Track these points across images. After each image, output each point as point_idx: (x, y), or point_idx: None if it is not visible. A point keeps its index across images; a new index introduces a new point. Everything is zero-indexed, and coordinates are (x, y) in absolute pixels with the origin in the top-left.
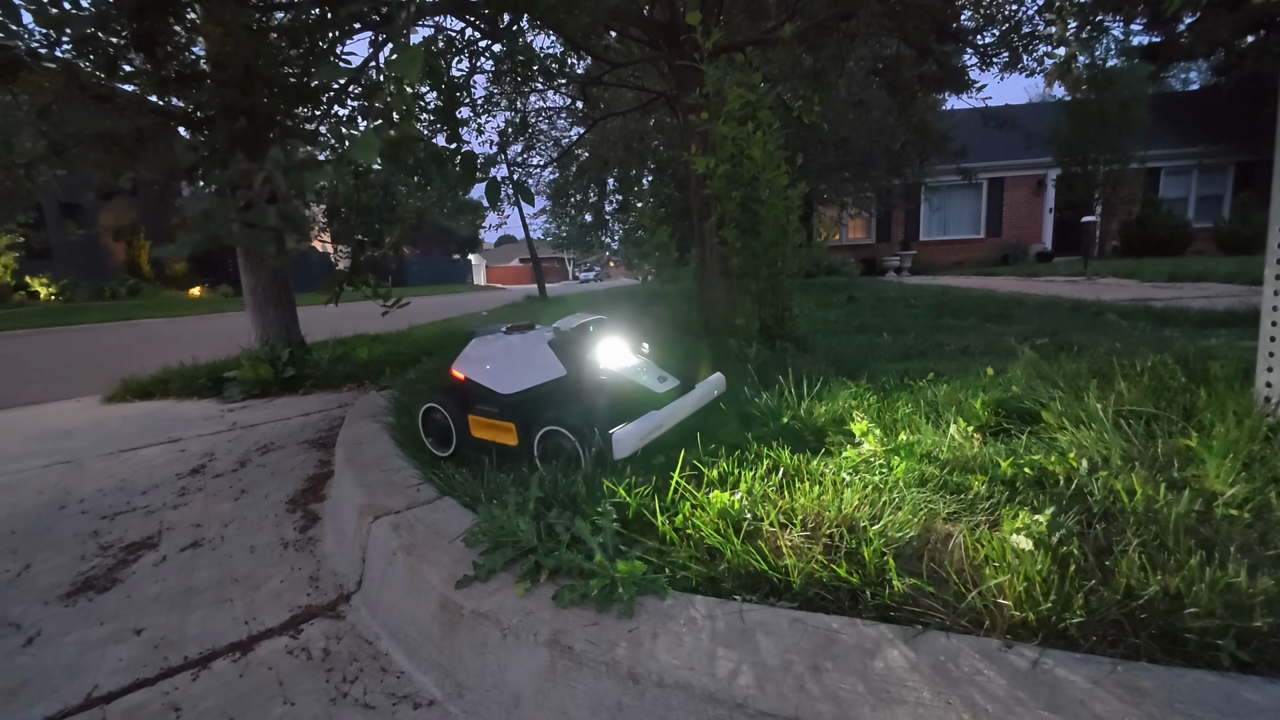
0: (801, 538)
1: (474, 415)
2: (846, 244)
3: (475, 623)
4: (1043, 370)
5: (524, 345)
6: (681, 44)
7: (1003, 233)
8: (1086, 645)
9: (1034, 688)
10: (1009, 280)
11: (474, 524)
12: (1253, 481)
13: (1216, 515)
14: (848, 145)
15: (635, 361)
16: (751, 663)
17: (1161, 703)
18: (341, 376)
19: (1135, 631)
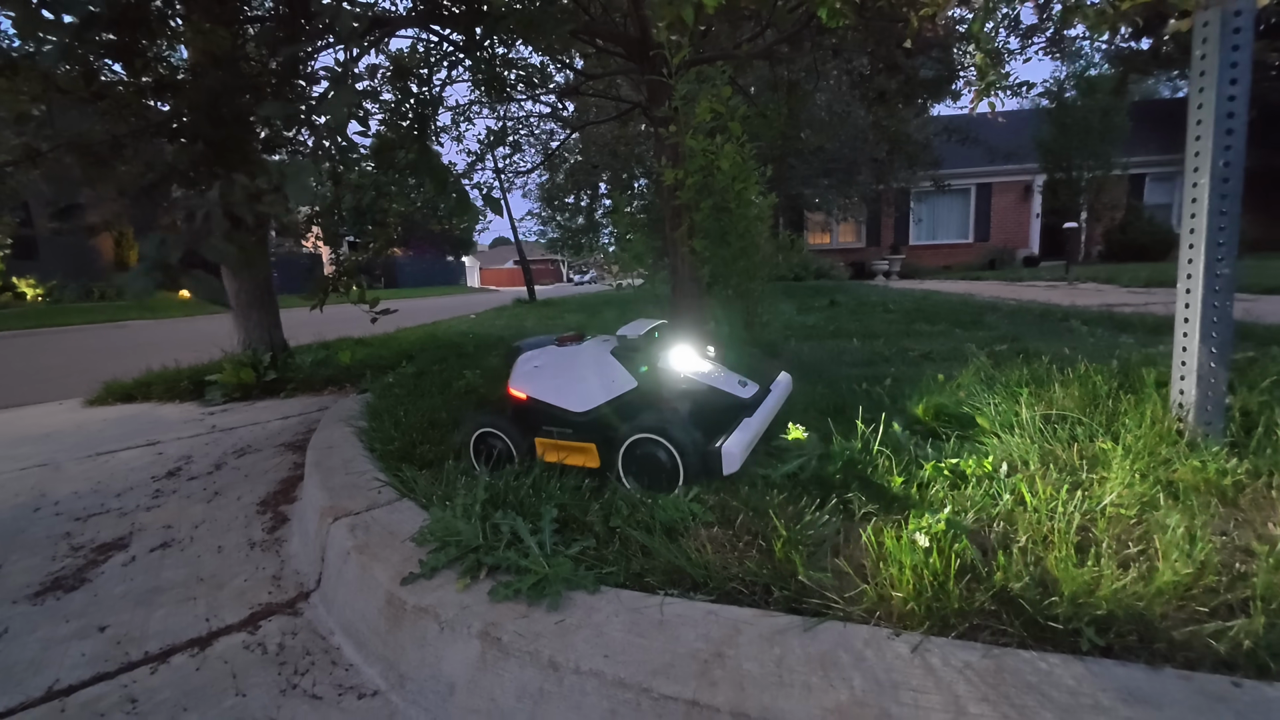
0: (726, 535)
1: (542, 438)
2: (836, 247)
3: (417, 617)
4: (988, 376)
5: (589, 357)
6: (651, 59)
7: (990, 238)
8: (962, 632)
9: (910, 671)
10: (992, 285)
11: (424, 524)
12: (1145, 482)
13: (1106, 514)
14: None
15: (708, 366)
16: (662, 651)
17: (1020, 683)
18: (323, 380)
19: (1010, 620)
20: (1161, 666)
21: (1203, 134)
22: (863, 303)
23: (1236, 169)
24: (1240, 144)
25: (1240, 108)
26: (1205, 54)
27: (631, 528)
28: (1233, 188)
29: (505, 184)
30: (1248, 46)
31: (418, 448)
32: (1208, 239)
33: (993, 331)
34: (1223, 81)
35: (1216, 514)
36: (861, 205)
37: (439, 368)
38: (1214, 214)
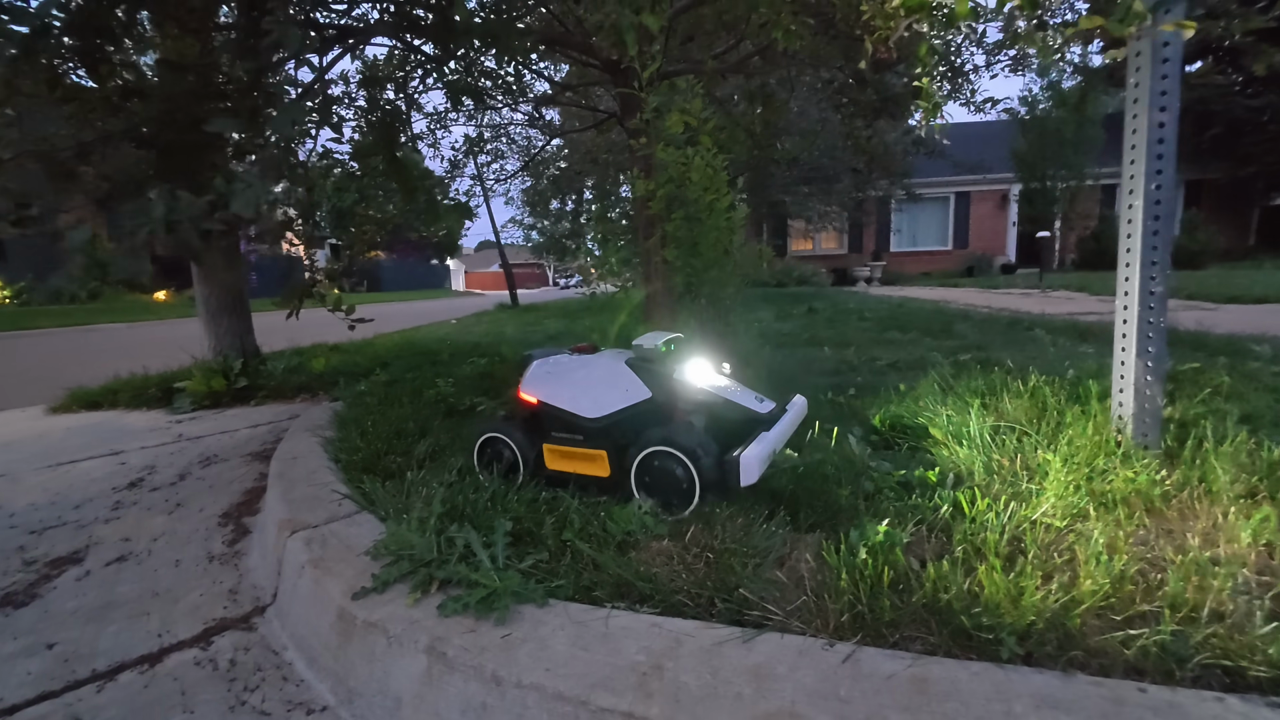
0: (676, 547)
1: (551, 445)
2: (819, 254)
3: (366, 632)
4: (945, 387)
5: (604, 365)
6: (623, 71)
7: (969, 245)
8: (894, 642)
9: (839, 680)
10: (969, 292)
11: (379, 538)
12: (1078, 494)
13: (1038, 525)
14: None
15: (723, 381)
16: (603, 664)
17: (942, 691)
18: (295, 387)
19: (939, 629)
20: (1074, 674)
21: (1136, 158)
22: (840, 310)
23: (1168, 192)
24: (1170, 168)
25: (1170, 134)
26: (1138, 81)
27: (584, 540)
28: (1165, 209)
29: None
30: (1176, 75)
31: (383, 458)
32: (1142, 258)
33: (960, 341)
34: (1153, 108)
35: (1142, 524)
36: (842, 213)
37: (412, 376)
38: (1147, 235)
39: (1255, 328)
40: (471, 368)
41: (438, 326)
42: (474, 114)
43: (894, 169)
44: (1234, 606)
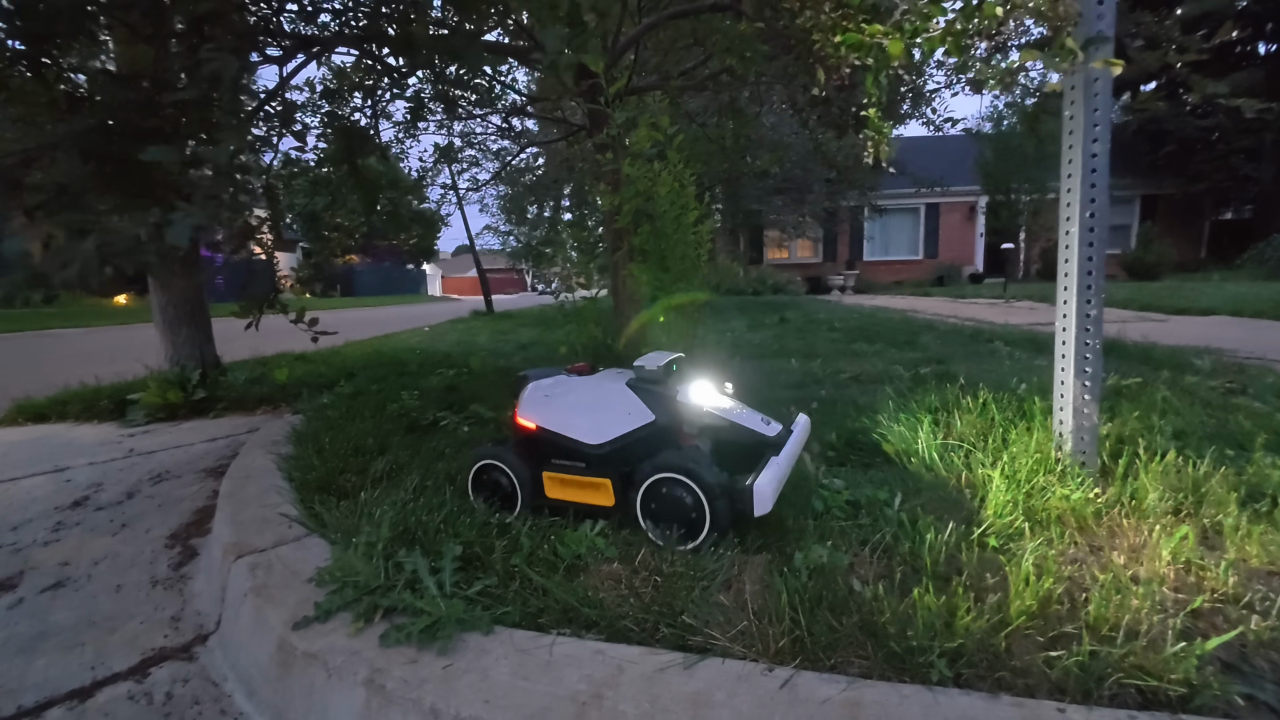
0: (626, 570)
1: (551, 472)
2: (795, 262)
3: (306, 664)
4: (900, 404)
5: (605, 387)
6: (589, 87)
7: (939, 255)
8: (832, 664)
9: (775, 706)
10: (937, 302)
11: (324, 564)
12: (1015, 512)
13: (974, 544)
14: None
15: (728, 402)
16: (543, 694)
17: (873, 715)
18: (257, 399)
19: (873, 651)
20: (999, 695)
21: (1072, 186)
22: (811, 320)
23: (1101, 220)
24: (1104, 198)
25: (1102, 163)
26: (1073, 114)
27: (534, 565)
28: (1098, 236)
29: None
30: (1107, 108)
31: (339, 477)
32: (1078, 283)
33: (924, 353)
34: (1087, 139)
35: (1074, 542)
36: (815, 223)
37: (377, 388)
38: (1082, 260)
39: (1201, 339)
40: (439, 379)
41: (410, 334)
42: (445, 123)
43: (862, 182)
44: (1149, 625)
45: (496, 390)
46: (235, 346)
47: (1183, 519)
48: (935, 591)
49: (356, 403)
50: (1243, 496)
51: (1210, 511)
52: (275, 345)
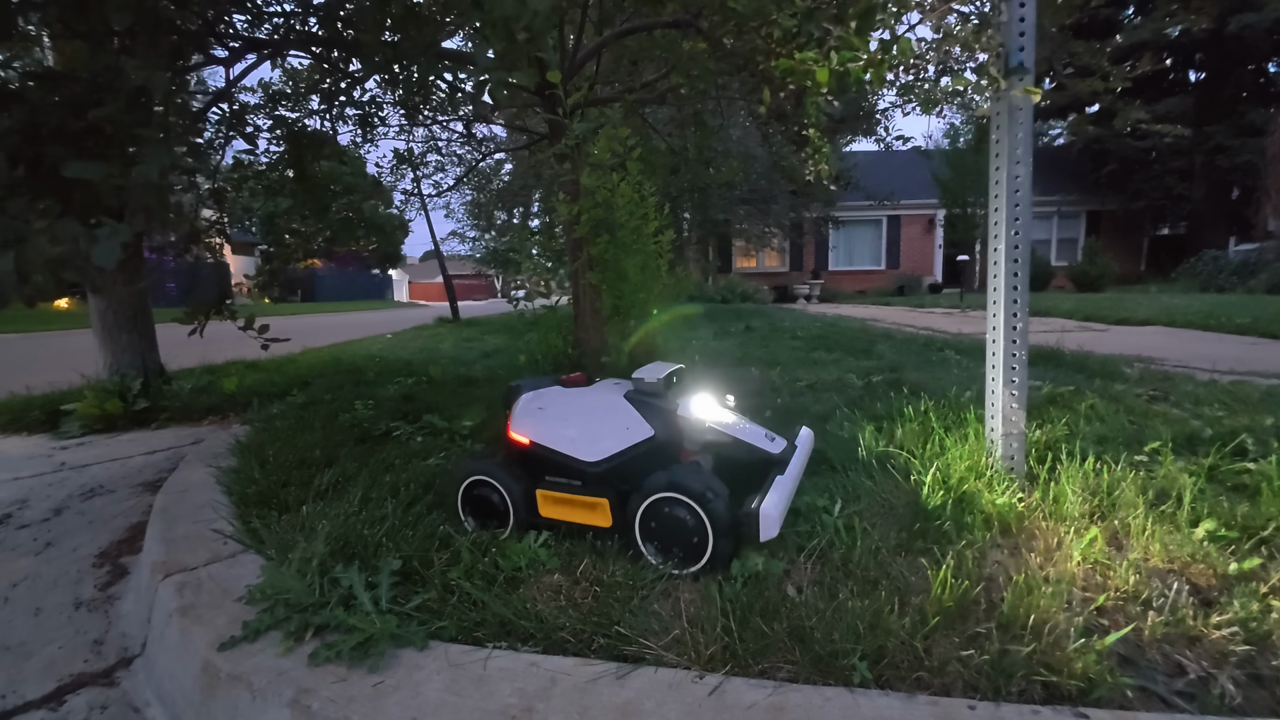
0: (567, 581)
1: (545, 490)
2: (762, 271)
3: (231, 686)
4: (848, 413)
5: (602, 400)
6: (548, 97)
7: (900, 265)
8: (762, 669)
9: (702, 713)
10: (897, 311)
11: (255, 581)
12: (943, 518)
13: (905, 550)
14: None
15: (731, 417)
16: (473, 709)
17: (797, 717)
18: (204, 409)
19: (801, 656)
20: (916, 695)
21: (1000, 206)
22: (775, 328)
23: (1025, 238)
24: (1027, 216)
25: (1025, 185)
26: (998, 138)
27: (474, 577)
28: (1022, 253)
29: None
30: (1029, 134)
31: (283, 490)
32: (1005, 297)
33: (879, 361)
34: (1011, 162)
35: (996, 545)
36: (781, 233)
37: (331, 397)
38: (1009, 276)
39: (1135, 349)
40: (396, 388)
41: (371, 341)
42: (405, 128)
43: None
44: (1056, 623)
45: (455, 399)
46: (183, 354)
47: (1096, 521)
48: (862, 596)
49: (307, 413)
50: (1151, 499)
51: (1121, 513)
52: (227, 353)
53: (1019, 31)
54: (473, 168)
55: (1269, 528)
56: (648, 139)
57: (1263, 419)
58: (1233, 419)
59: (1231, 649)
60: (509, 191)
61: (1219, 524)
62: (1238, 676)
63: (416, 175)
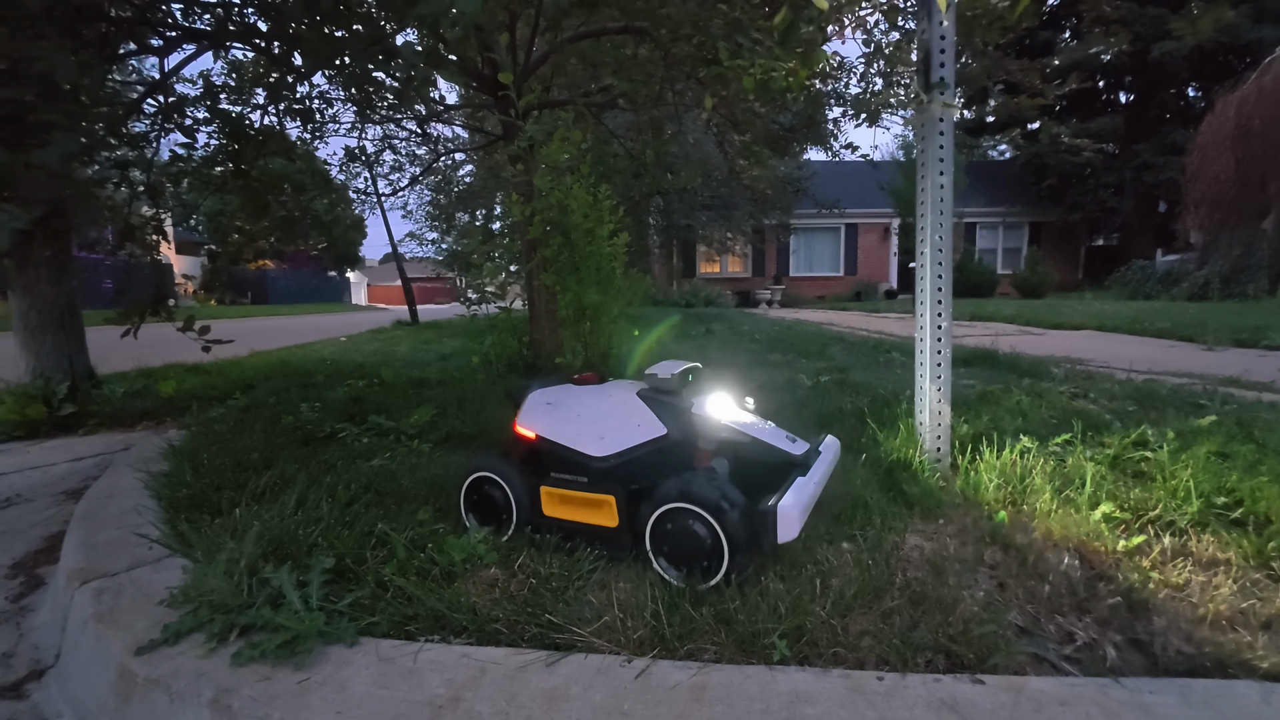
0: (505, 575)
1: (549, 486)
2: (725, 276)
3: (148, 690)
4: (797, 411)
5: (613, 397)
6: (501, 98)
7: (858, 272)
8: (688, 651)
9: (626, 695)
10: (853, 316)
11: (179, 584)
12: (868, 506)
13: (832, 536)
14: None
15: (749, 417)
16: (400, 700)
17: (715, 696)
18: (137, 413)
19: (726, 637)
20: (830, 669)
21: (926, 212)
22: (735, 331)
23: (948, 244)
24: (949, 222)
25: (948, 194)
26: (924, 149)
27: (410, 573)
28: (946, 257)
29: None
30: (950, 145)
31: (217, 493)
32: (930, 299)
33: (830, 362)
34: (933, 171)
35: (918, 530)
36: (742, 238)
37: (275, 400)
38: (934, 278)
39: (1066, 351)
40: (346, 391)
41: (324, 344)
42: (357, 125)
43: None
44: (961, 599)
45: (406, 401)
46: (118, 357)
47: (1008, 505)
48: (786, 579)
49: (248, 416)
50: (1057, 485)
51: (1030, 498)
52: (167, 356)
53: (939, 49)
54: (428, 166)
55: (1157, 509)
56: (606, 143)
57: (1164, 412)
58: (1140, 413)
59: (1114, 617)
60: (470, 193)
61: (1115, 506)
62: (1119, 641)
63: (373, 174)
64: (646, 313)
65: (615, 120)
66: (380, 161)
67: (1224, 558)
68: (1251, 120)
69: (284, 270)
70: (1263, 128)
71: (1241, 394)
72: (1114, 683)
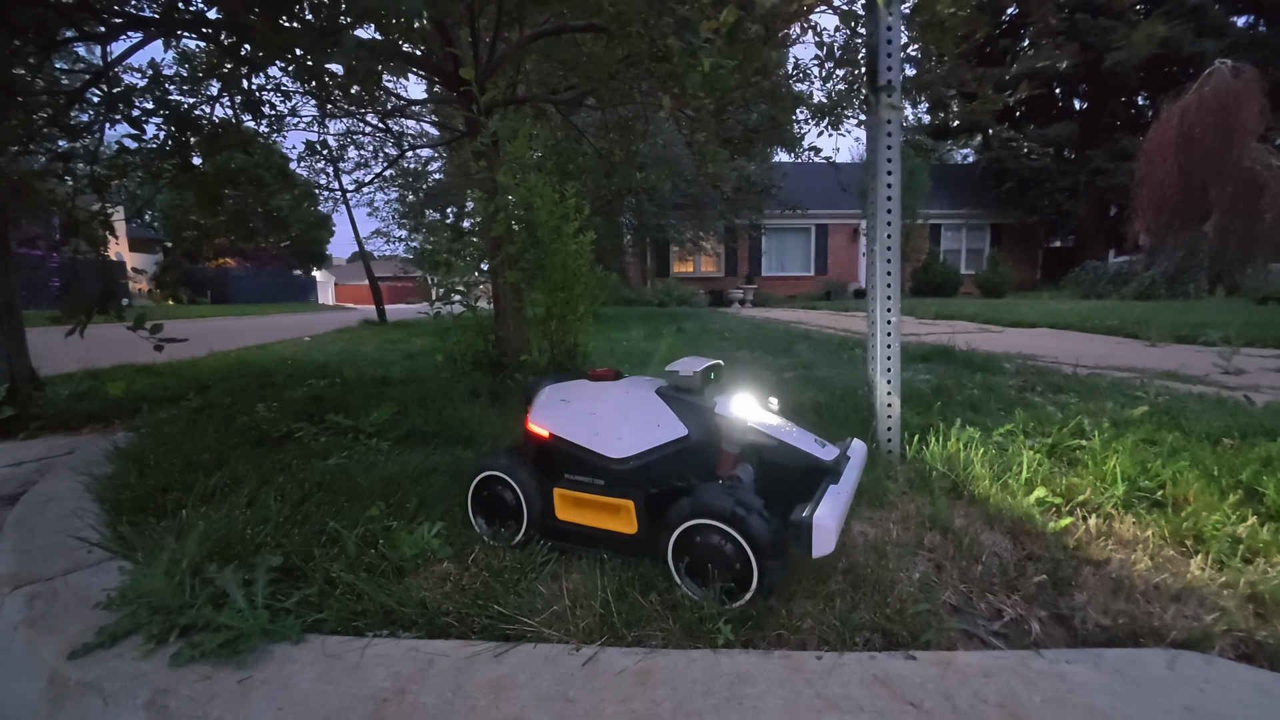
0: (459, 569)
1: (563, 489)
2: (698, 276)
3: (81, 694)
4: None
5: (631, 395)
6: (463, 94)
7: (828, 272)
8: (637, 637)
9: (571, 682)
10: (822, 315)
11: (118, 587)
12: None
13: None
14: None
15: (775, 419)
16: (344, 695)
17: (659, 680)
18: (84, 416)
19: (674, 623)
20: (772, 651)
21: (877, 211)
22: (705, 330)
23: (895, 241)
24: (897, 220)
25: (895, 193)
26: (873, 150)
27: (360, 570)
28: (894, 254)
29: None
30: (898, 147)
31: (164, 495)
32: (880, 295)
33: (795, 359)
34: (882, 172)
35: (866, 517)
36: (714, 238)
37: (231, 400)
38: (883, 275)
39: (1021, 347)
40: (307, 390)
41: (287, 344)
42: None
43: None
44: (899, 580)
45: (368, 400)
46: (62, 359)
47: (950, 492)
48: None
49: (201, 417)
50: (996, 472)
51: (971, 485)
52: (117, 356)
53: (886, 52)
54: (394, 161)
55: (1087, 493)
56: (577, 142)
57: (1103, 404)
58: (1080, 405)
59: (1041, 594)
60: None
61: (1048, 491)
62: (1043, 616)
63: (337, 169)
64: (620, 312)
65: (584, 119)
66: (344, 157)
67: (1143, 536)
68: (1193, 128)
69: (246, 269)
70: (1203, 136)
71: (1177, 386)
72: (1035, 654)
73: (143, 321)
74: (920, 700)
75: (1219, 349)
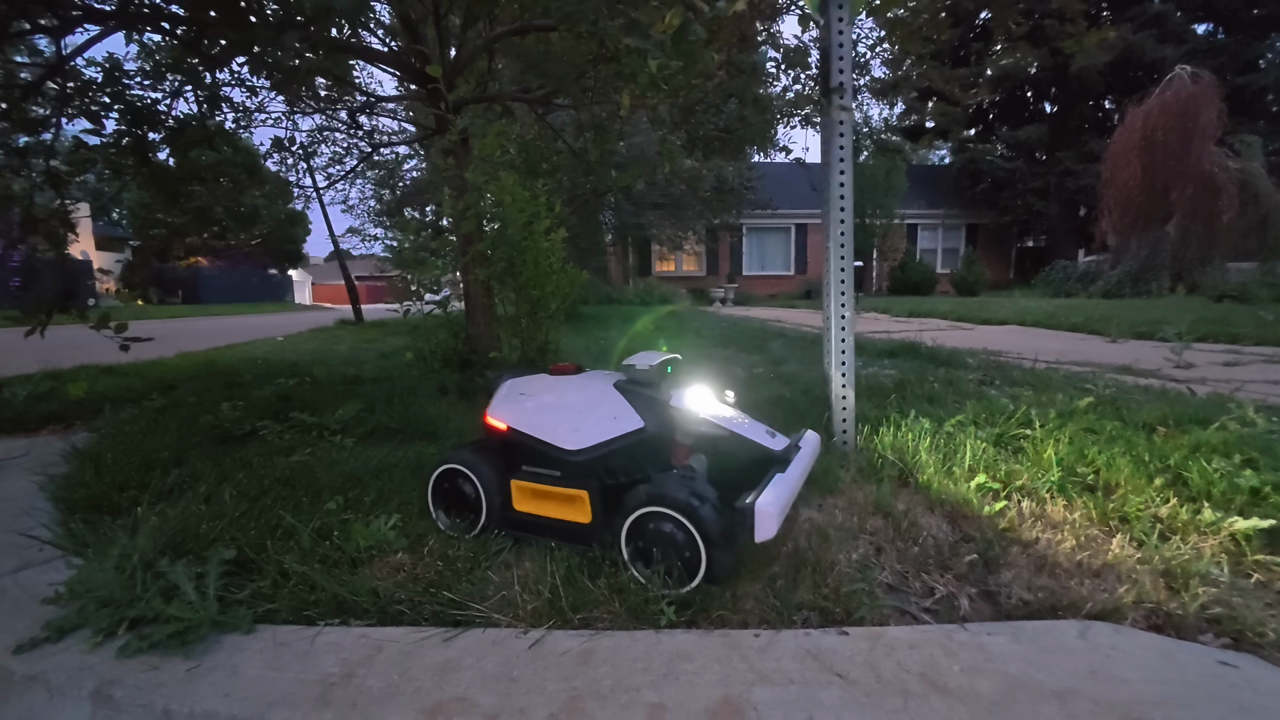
0: (415, 559)
1: (520, 480)
2: (680, 275)
3: (25, 687)
4: None
5: (588, 388)
6: (431, 92)
7: (808, 271)
8: (584, 620)
9: (516, 663)
10: (800, 313)
11: (65, 581)
12: None
13: None
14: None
15: (729, 411)
16: (292, 681)
17: (601, 659)
18: (42, 417)
19: (620, 606)
20: (712, 630)
21: (832, 209)
22: (683, 328)
23: (849, 238)
24: (850, 217)
25: (849, 191)
26: (826, 150)
27: (311, 562)
28: (848, 251)
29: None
30: (849, 147)
31: (120, 494)
32: (834, 290)
33: (768, 356)
34: (835, 170)
35: (818, 504)
36: (695, 237)
37: (196, 400)
38: (837, 270)
39: (989, 343)
40: (275, 389)
41: (259, 344)
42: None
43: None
44: (837, 561)
45: (335, 398)
46: (22, 359)
47: (896, 479)
48: None
49: (164, 416)
50: (941, 460)
51: (918, 473)
52: (80, 357)
53: (838, 55)
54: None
55: (1024, 479)
56: (552, 140)
57: (1054, 395)
58: (1033, 396)
59: (971, 572)
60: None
61: (988, 477)
62: (972, 593)
63: (309, 165)
64: (600, 311)
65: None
66: (317, 153)
67: (1071, 518)
68: (1155, 132)
69: (219, 268)
70: (1165, 139)
71: (1128, 379)
72: (960, 628)
73: (106, 321)
74: (847, 671)
75: (1172, 344)
